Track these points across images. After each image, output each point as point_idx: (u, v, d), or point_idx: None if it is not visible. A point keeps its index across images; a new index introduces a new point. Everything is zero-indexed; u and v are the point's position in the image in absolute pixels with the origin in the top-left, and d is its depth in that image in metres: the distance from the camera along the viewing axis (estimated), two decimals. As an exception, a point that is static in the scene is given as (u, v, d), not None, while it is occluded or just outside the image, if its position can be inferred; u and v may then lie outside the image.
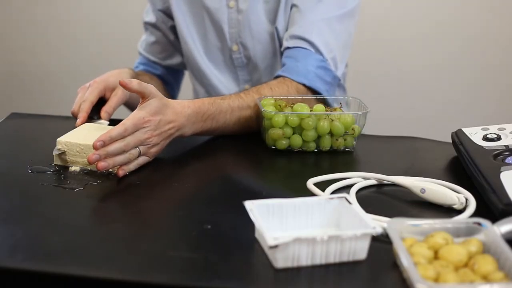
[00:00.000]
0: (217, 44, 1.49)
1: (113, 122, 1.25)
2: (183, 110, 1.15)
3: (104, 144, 1.05)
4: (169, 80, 1.62)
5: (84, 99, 1.29)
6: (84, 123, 1.22)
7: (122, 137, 1.06)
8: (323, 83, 1.33)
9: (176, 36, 1.54)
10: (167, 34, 1.55)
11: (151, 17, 1.55)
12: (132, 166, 1.08)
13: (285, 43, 1.38)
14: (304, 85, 1.31)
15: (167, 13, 1.52)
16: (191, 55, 1.50)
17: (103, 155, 1.04)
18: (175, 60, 1.59)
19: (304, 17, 1.36)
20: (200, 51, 1.50)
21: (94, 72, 1.24)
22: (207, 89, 1.54)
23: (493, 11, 2.45)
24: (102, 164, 1.04)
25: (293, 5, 1.39)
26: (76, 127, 1.19)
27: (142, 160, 1.10)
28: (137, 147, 1.08)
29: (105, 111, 1.29)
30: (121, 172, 1.06)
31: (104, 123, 1.26)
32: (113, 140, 1.05)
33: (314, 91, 1.32)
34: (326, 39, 1.35)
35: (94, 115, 1.29)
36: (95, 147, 1.04)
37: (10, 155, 1.13)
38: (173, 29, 1.54)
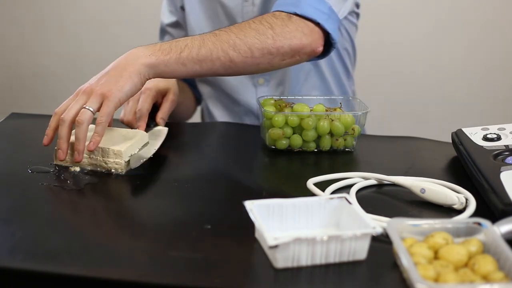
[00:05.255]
0: None
1: (168, 125, 1.26)
2: (132, 50, 1.12)
3: (48, 136, 1.08)
4: (193, 82, 1.59)
5: (140, 107, 1.25)
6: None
7: (58, 116, 1.07)
8: (317, 12, 1.21)
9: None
10: (179, 24, 1.53)
11: (171, 18, 1.53)
12: (100, 118, 1.05)
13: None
14: (295, 14, 1.20)
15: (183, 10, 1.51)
16: None
17: (60, 145, 1.05)
18: None
19: None
20: None
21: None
22: (217, 88, 1.52)
23: (493, 11, 2.45)
24: (76, 157, 1.05)
25: None
26: None
27: (103, 110, 1.05)
28: (84, 107, 1.05)
29: (160, 117, 1.28)
30: (92, 141, 1.05)
31: (163, 129, 1.23)
32: (52, 127, 1.07)
33: (308, 20, 1.20)
34: None
35: (149, 122, 1.27)
36: (44, 144, 1.07)
37: (10, 155, 1.13)
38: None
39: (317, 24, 1.20)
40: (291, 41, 1.18)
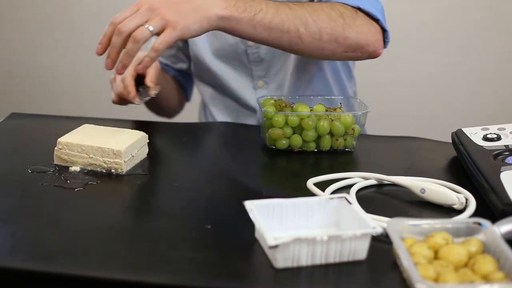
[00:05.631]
0: (231, 40, 1.45)
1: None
2: None
3: (102, 45, 1.06)
4: (182, 82, 1.61)
5: (124, 76, 1.25)
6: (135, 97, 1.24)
7: (115, 25, 1.05)
8: (377, 11, 1.23)
9: (185, 41, 1.54)
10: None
11: None
12: (158, 44, 1.04)
13: None
14: (359, 8, 1.21)
15: None
16: (200, 55, 1.49)
17: (110, 54, 1.04)
18: (186, 65, 1.58)
19: None
20: (209, 50, 1.47)
21: (95, 72, 1.24)
22: (217, 89, 1.53)
23: (493, 11, 2.45)
24: (118, 68, 1.05)
25: None
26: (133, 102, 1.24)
27: (163, 37, 1.03)
28: (144, 25, 1.03)
29: (149, 80, 1.28)
30: (143, 64, 1.06)
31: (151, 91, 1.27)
32: (107, 35, 1.05)
33: (371, 17, 1.23)
34: None
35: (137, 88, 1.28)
36: (98, 53, 1.06)
37: (10, 155, 1.13)
38: None
39: (377, 21, 1.22)
40: (358, 35, 1.19)
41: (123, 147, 1.07)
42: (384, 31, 1.24)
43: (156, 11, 1.04)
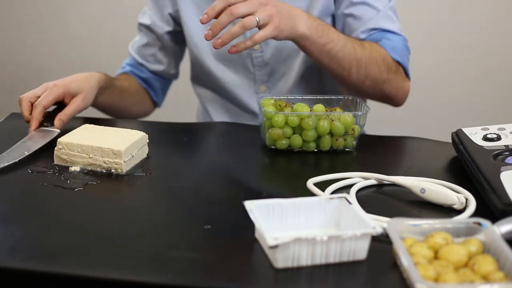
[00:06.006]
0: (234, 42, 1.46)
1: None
2: (293, 6, 1.20)
3: (208, 16, 1.11)
4: (155, 85, 1.58)
5: (36, 103, 1.20)
6: (36, 129, 1.18)
7: (225, 2, 1.12)
8: (408, 61, 1.39)
9: (174, 42, 1.53)
10: (161, 38, 1.53)
11: (146, 19, 1.53)
12: (258, 37, 1.13)
13: (365, 35, 1.39)
14: (397, 62, 1.36)
15: (175, 18, 1.51)
16: (201, 57, 1.48)
17: (214, 28, 1.11)
18: (163, 67, 1.56)
19: (376, 10, 1.39)
20: (212, 53, 1.47)
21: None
22: (218, 92, 1.52)
23: (493, 11, 2.45)
24: (215, 42, 1.11)
25: (362, 2, 1.39)
26: (30, 133, 1.17)
27: (264, 32, 1.13)
28: (253, 15, 1.12)
29: (59, 118, 1.21)
30: (247, 43, 1.13)
31: (55, 131, 1.19)
32: (215, 9, 1.12)
33: (407, 74, 1.39)
34: (398, 25, 1.42)
35: (48, 121, 1.21)
36: (202, 22, 1.12)
37: (10, 155, 1.13)
38: (170, 34, 1.53)
39: (408, 76, 1.39)
40: (393, 91, 1.36)
41: (123, 147, 1.07)
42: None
43: (266, 7, 1.14)
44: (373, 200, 1.00)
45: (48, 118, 1.21)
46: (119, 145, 1.07)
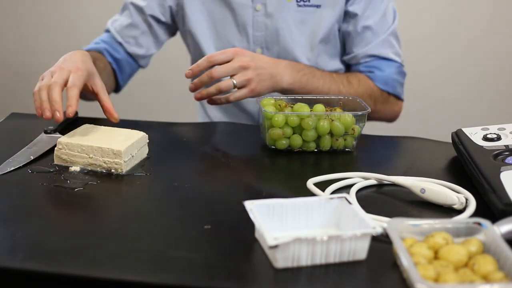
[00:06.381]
0: (237, 45, 1.47)
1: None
2: (278, 61, 1.30)
3: (192, 72, 1.20)
4: (125, 69, 1.53)
5: (71, 84, 1.14)
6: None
7: (209, 63, 1.22)
8: (401, 86, 1.50)
9: (160, 32, 1.52)
10: (149, 23, 1.51)
11: (140, 0, 1.50)
12: (233, 97, 1.25)
13: (363, 60, 1.48)
14: (387, 92, 1.46)
15: (173, 11, 1.50)
16: (203, 56, 1.48)
17: (195, 85, 1.23)
18: (142, 51, 1.53)
19: (376, 36, 1.48)
20: (212, 52, 1.47)
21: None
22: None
23: (493, 11, 2.45)
24: (196, 95, 1.24)
25: (363, 27, 1.46)
26: (70, 118, 1.12)
27: (239, 94, 1.24)
28: (231, 77, 1.22)
29: (108, 110, 1.20)
30: (221, 99, 1.27)
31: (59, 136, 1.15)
32: (200, 67, 1.22)
33: (395, 96, 1.49)
34: (396, 49, 1.51)
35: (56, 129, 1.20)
36: (186, 76, 1.24)
37: (10, 155, 1.13)
38: (160, 24, 1.52)
39: (401, 100, 1.51)
40: (382, 116, 1.48)
41: (123, 147, 1.07)
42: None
43: (246, 71, 1.24)
44: (373, 200, 1.00)
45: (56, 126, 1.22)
46: (119, 145, 1.07)
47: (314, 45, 1.48)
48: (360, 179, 1.04)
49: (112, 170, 1.07)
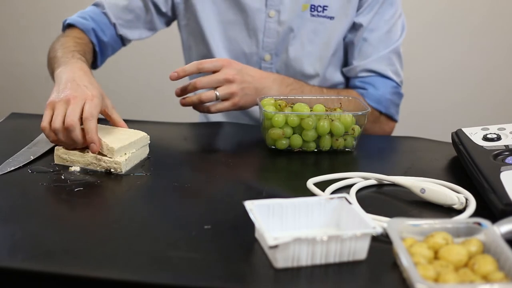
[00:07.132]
0: (246, 50, 1.47)
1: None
2: (267, 74, 1.30)
3: (178, 75, 1.20)
4: (107, 52, 1.47)
5: (89, 115, 1.07)
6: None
7: (197, 70, 1.22)
8: (395, 107, 1.46)
9: (156, 20, 1.48)
10: (150, 9, 1.46)
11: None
12: (214, 109, 1.25)
13: (360, 74, 1.45)
14: (379, 111, 1.43)
15: (175, 4, 1.47)
16: (211, 55, 1.47)
17: (180, 92, 1.24)
18: (135, 35, 1.48)
19: (377, 50, 1.44)
20: (224, 51, 1.47)
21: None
22: None
23: (493, 11, 2.45)
24: (181, 101, 1.25)
25: (364, 39, 1.44)
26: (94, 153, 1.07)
27: (221, 106, 1.24)
28: (215, 89, 1.22)
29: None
30: (203, 108, 1.26)
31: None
32: (186, 72, 1.21)
33: (387, 116, 1.45)
34: (396, 67, 1.47)
35: None
36: (171, 78, 1.21)
37: (10, 155, 1.13)
38: (160, 13, 1.48)
39: (395, 120, 1.47)
40: (372, 133, 1.41)
41: (118, 145, 1.07)
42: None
43: (230, 85, 1.24)
44: (373, 200, 1.00)
45: None
46: (114, 143, 1.07)
47: (325, 58, 1.46)
48: (360, 179, 1.05)
49: (112, 170, 1.07)
